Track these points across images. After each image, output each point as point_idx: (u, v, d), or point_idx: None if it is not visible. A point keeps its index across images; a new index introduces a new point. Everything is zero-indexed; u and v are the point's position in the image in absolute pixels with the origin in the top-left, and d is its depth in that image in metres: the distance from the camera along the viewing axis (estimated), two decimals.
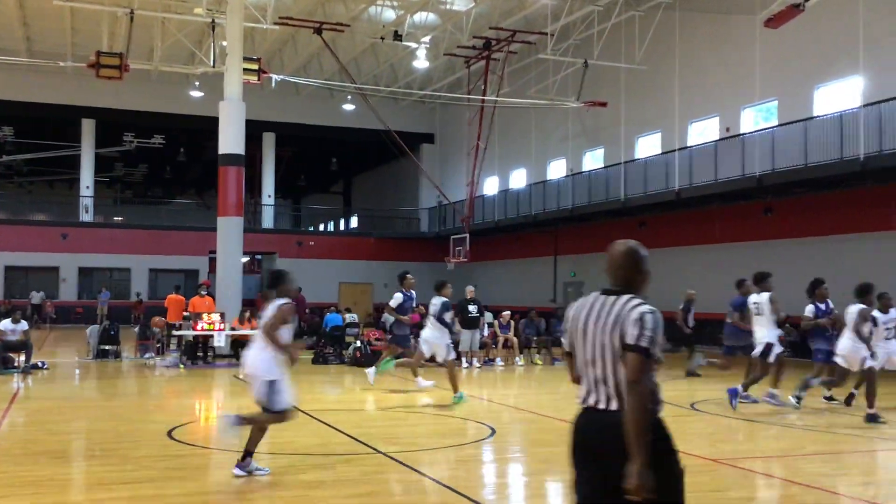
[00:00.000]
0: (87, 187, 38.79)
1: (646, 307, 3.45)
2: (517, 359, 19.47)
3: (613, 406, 3.40)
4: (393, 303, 14.15)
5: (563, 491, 7.36)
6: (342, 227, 52.59)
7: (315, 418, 10.48)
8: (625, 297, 3.52)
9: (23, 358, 16.04)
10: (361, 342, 19.12)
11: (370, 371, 14.02)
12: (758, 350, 11.71)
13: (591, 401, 3.49)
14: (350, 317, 23.33)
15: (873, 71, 20.57)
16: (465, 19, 28.28)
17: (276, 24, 25.89)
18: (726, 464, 7.90)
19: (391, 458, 8.06)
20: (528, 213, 32.63)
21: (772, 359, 11.62)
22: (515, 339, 19.83)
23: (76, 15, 28.30)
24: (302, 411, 11.18)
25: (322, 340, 20.38)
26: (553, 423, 10.76)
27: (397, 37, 28.20)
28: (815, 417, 11.05)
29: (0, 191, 45.78)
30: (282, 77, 28.55)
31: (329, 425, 10.00)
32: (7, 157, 40.57)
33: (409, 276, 14.44)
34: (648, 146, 28.64)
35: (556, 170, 33.74)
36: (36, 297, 34.97)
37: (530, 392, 14.92)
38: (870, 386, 10.50)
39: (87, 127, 38.74)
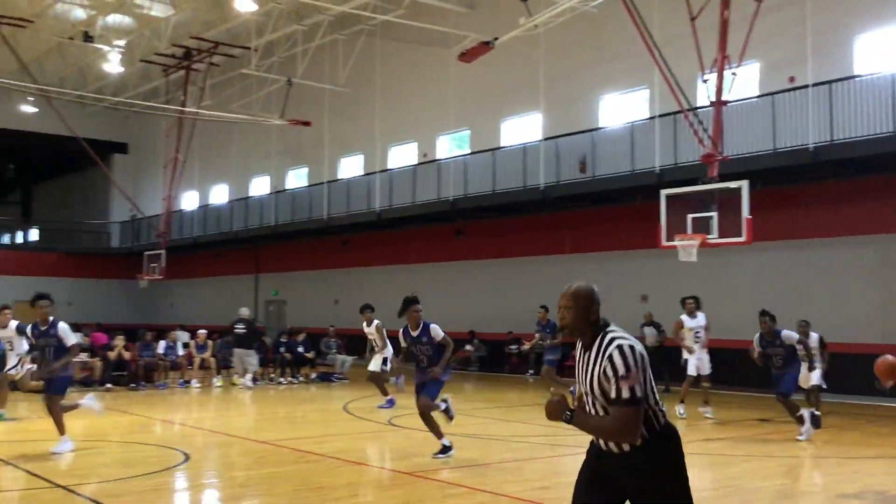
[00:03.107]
0: None
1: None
2: (214, 380, 18.85)
3: None
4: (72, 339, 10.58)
5: None
6: (20, 239, 47.78)
7: None
8: None
9: None
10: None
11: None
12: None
13: None
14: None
15: (551, 108, 22.63)
16: (163, 26, 27.08)
17: None
18: (420, 476, 8.18)
19: (71, 491, 7.41)
20: (229, 229, 31.85)
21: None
22: (213, 360, 19.20)
23: None
24: None
25: None
26: (250, 446, 10.52)
27: (88, 38, 26.33)
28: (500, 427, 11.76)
29: None
30: None
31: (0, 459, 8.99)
32: None
33: (42, 301, 10.53)
34: (351, 167, 29.22)
35: (259, 187, 33.30)
36: None
37: (228, 414, 14.47)
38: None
39: None
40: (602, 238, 21.52)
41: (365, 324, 15.30)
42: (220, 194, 35.60)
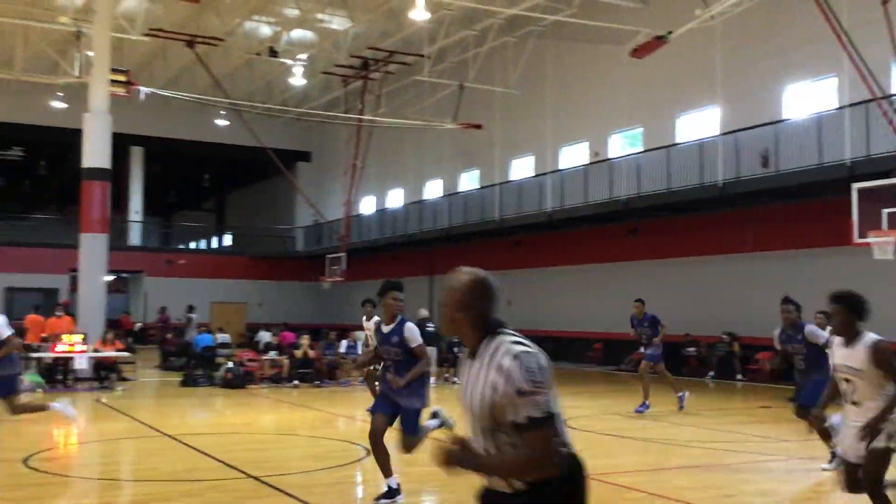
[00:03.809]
0: None
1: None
2: None
3: None
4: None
5: None
6: (215, 244, 51.27)
7: (182, 443, 10.12)
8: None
9: None
10: (234, 363, 18.65)
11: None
12: None
13: None
14: (222, 337, 22.75)
15: (730, 101, 21.76)
16: (342, 38, 28.24)
17: (145, 35, 25.10)
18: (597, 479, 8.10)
19: (262, 482, 7.87)
20: (404, 232, 32.75)
21: None
22: None
23: None
24: (168, 436, 10.80)
25: (192, 362, 19.78)
26: (427, 443, 10.77)
27: (273, 53, 27.86)
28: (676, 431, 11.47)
29: None
30: (151, 90, 27.65)
31: (197, 450, 9.68)
32: None
33: None
34: (522, 168, 29.32)
35: (433, 190, 34.04)
36: None
37: None
38: None
39: None
40: (787, 236, 20.46)
41: (364, 318, 13.54)
42: (395, 198, 36.68)
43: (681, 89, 23.19)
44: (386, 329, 7.00)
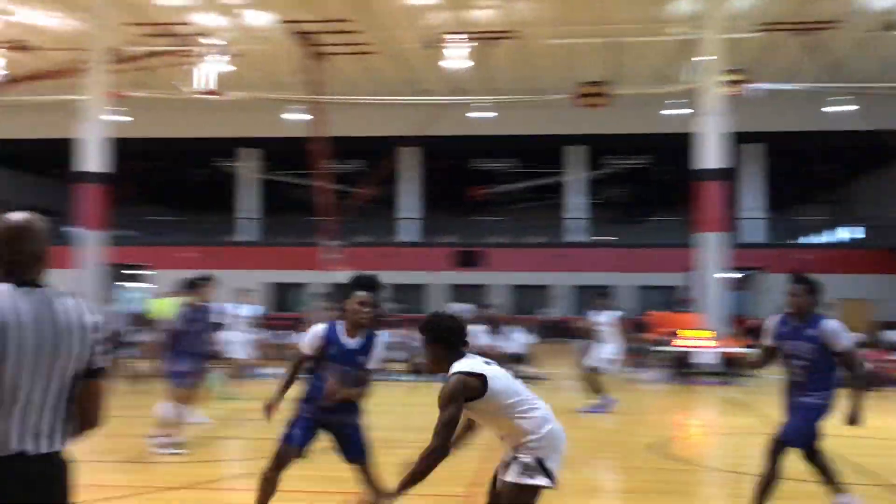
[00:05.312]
0: (576, 210, 41.53)
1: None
2: None
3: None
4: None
5: None
6: (838, 238, 48.57)
7: None
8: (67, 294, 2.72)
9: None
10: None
11: None
12: None
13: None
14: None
15: None
16: None
17: (756, 31, 25.04)
18: None
19: None
20: None
21: None
22: None
23: (564, 51, 30.25)
24: None
25: None
26: None
27: (890, 27, 25.55)
28: None
29: (502, 217, 50.70)
30: (761, 85, 27.39)
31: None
32: (508, 186, 45.34)
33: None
34: None
35: None
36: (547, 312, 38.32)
37: None
38: None
39: (575, 153, 41.50)
40: None
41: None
42: None
43: None
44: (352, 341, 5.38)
